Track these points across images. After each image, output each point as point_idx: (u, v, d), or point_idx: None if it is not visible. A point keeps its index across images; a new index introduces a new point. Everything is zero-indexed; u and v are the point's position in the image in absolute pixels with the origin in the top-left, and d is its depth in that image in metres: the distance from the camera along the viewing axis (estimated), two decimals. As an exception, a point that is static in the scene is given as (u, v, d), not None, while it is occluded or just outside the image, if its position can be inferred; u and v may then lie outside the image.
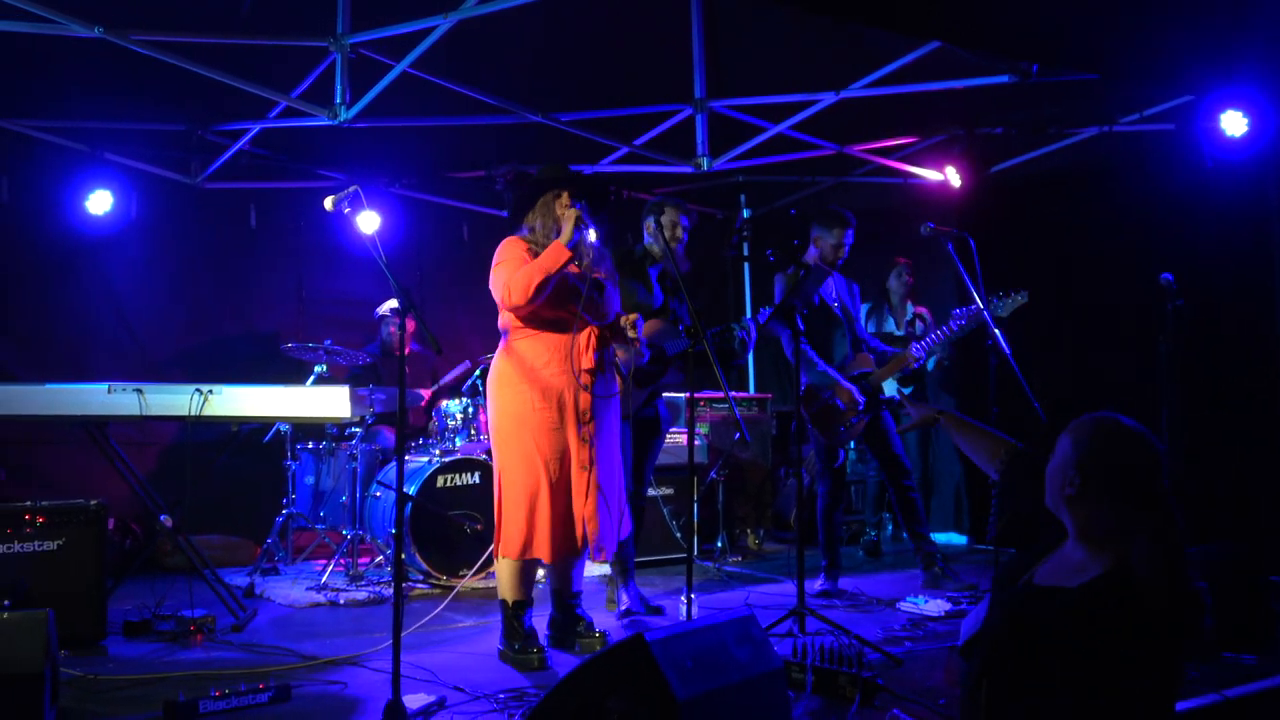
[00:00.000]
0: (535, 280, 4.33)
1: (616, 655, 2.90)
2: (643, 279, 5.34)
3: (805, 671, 3.82)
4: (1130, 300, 6.32)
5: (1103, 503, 2.39)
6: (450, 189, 8.34)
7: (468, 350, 7.38)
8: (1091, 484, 2.40)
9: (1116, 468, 2.40)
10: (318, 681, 4.14)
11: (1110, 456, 2.41)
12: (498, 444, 4.54)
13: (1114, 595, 2.25)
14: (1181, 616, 2.21)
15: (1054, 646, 2.26)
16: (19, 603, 4.42)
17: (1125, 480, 2.39)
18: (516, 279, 4.36)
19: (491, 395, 4.58)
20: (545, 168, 4.68)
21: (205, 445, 6.11)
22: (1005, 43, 5.48)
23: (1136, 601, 2.22)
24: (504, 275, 4.43)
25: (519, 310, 4.43)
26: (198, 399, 5.03)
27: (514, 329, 4.53)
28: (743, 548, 7.58)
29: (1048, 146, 7.33)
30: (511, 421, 4.47)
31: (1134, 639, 2.22)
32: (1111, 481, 2.39)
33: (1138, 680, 2.21)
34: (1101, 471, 2.40)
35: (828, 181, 8.47)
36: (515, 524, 4.42)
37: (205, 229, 7.64)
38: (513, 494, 4.45)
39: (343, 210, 3.89)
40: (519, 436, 4.45)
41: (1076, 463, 2.44)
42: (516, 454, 4.45)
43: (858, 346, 5.97)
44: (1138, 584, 2.23)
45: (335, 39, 5.48)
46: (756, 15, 6.01)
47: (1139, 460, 2.40)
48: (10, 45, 5.52)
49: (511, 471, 4.46)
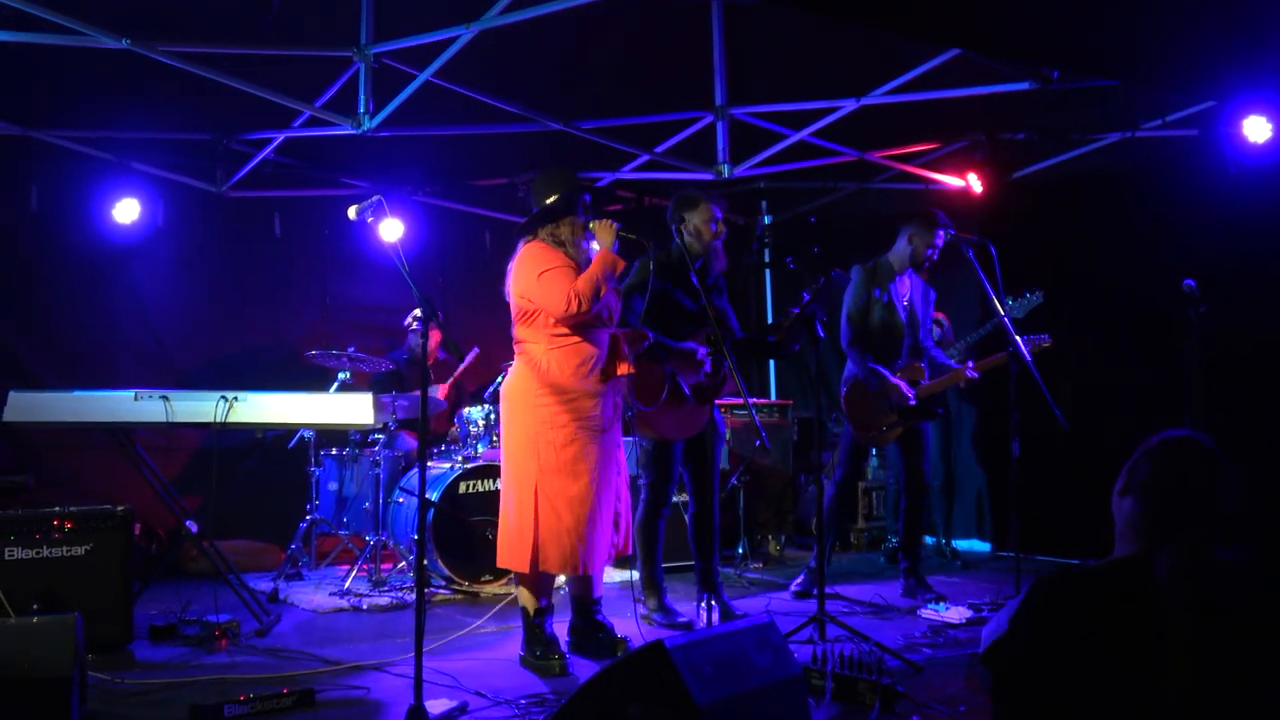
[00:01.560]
0: (602, 288, 4.33)
1: (637, 661, 2.92)
2: (686, 287, 5.10)
3: (825, 678, 3.83)
4: (1153, 307, 6.29)
5: (1141, 502, 2.41)
6: (472, 197, 8.38)
7: (490, 357, 7.41)
8: (1134, 484, 2.43)
9: (1160, 472, 2.42)
10: (341, 686, 4.17)
11: (1158, 461, 2.43)
12: (533, 454, 4.42)
13: (1126, 578, 2.26)
14: (1198, 632, 2.19)
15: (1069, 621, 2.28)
16: (48, 607, 4.47)
17: (1165, 485, 2.41)
18: (584, 286, 4.30)
19: (525, 403, 4.48)
20: (564, 177, 4.65)
21: (230, 451, 6.17)
22: (1026, 49, 5.46)
23: (1146, 594, 2.21)
24: (562, 282, 4.33)
25: (579, 318, 4.36)
26: (223, 406, 5.08)
27: (547, 338, 4.44)
28: (764, 554, 7.58)
29: (1070, 152, 7.29)
30: (554, 431, 4.41)
31: (1131, 630, 2.21)
32: (1150, 484, 2.42)
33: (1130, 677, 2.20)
34: (1144, 475, 2.43)
35: (849, 188, 8.46)
36: (570, 537, 4.35)
37: (230, 237, 7.70)
38: (562, 507, 4.37)
39: (366, 219, 3.91)
40: (565, 447, 4.39)
41: (1131, 466, 2.48)
42: (564, 465, 4.39)
43: (916, 353, 5.91)
44: (1156, 580, 2.22)
45: (359, 49, 5.53)
46: (777, 22, 6.01)
47: (1183, 467, 2.42)
48: (39, 57, 5.60)
49: (557, 484, 4.38)
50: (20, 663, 3.35)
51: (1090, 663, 2.22)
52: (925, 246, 5.82)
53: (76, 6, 5.04)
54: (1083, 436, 5.93)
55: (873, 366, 5.72)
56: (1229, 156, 6.23)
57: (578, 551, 4.36)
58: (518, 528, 4.45)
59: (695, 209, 5.17)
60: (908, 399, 5.72)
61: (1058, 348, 5.88)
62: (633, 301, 4.99)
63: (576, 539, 4.36)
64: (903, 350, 5.88)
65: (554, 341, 4.45)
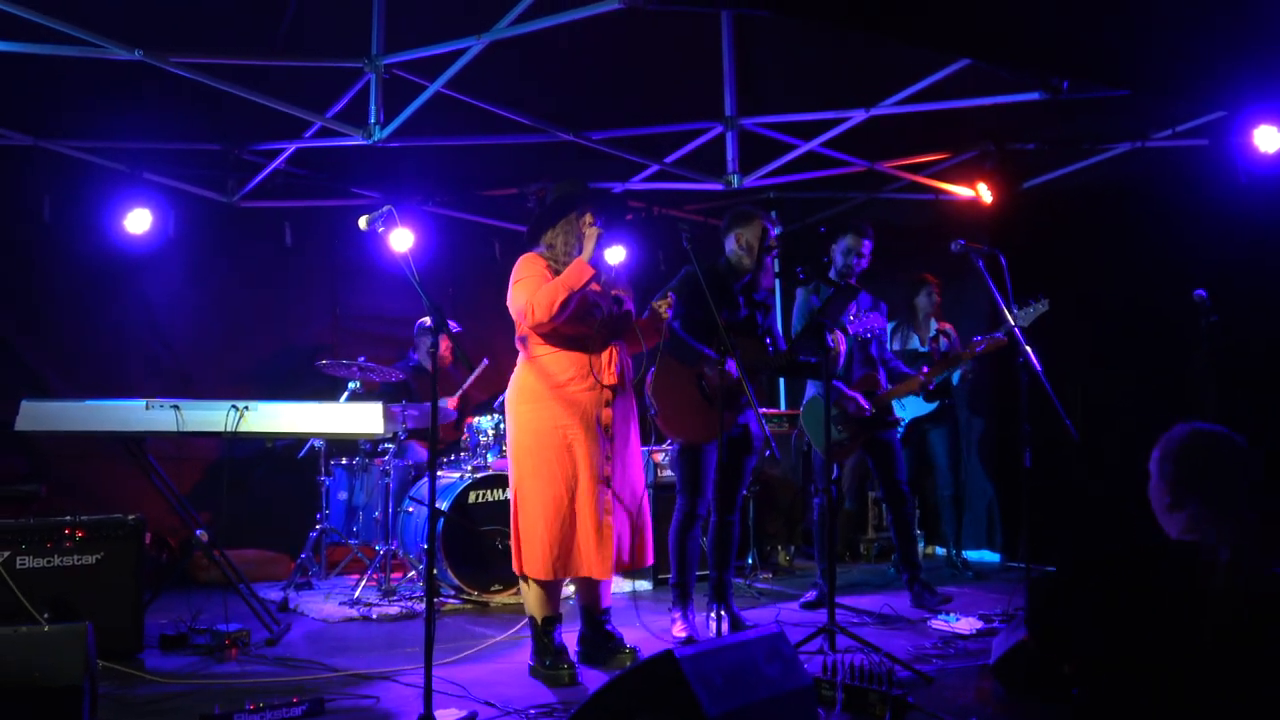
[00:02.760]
0: (560, 297, 4.35)
1: (647, 671, 2.92)
2: (728, 298, 5.15)
3: (835, 689, 3.81)
4: (1164, 317, 6.27)
5: (1182, 501, 2.48)
6: (483, 207, 8.40)
7: (500, 367, 7.42)
8: (1166, 481, 2.51)
9: (1192, 466, 2.51)
10: (350, 696, 4.17)
11: (1187, 454, 2.52)
12: (518, 458, 4.51)
13: (1181, 556, 2.37)
14: (1235, 617, 2.27)
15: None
16: (59, 616, 4.48)
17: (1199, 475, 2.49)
18: (540, 296, 4.36)
19: (512, 409, 4.57)
20: (564, 185, 4.67)
21: (241, 461, 6.18)
22: (1036, 59, 5.47)
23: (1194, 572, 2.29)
24: (526, 292, 4.42)
25: (540, 327, 4.43)
26: (234, 415, 5.10)
27: (534, 344, 4.53)
28: (773, 564, 7.56)
29: (1080, 162, 7.29)
30: (532, 437, 4.47)
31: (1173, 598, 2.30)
32: (1186, 478, 2.50)
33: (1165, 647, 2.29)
34: (1175, 467, 2.52)
35: (858, 198, 8.46)
36: (541, 543, 4.40)
37: (241, 247, 7.74)
38: (537, 511, 4.42)
39: (377, 229, 3.92)
40: (540, 452, 4.44)
41: (1157, 464, 2.57)
42: (540, 470, 4.44)
43: (869, 364, 5.95)
44: (1210, 564, 2.31)
45: (370, 60, 5.56)
46: (787, 33, 6.02)
47: (1212, 457, 2.51)
48: (52, 68, 5.64)
49: (535, 488, 4.44)
50: (31, 671, 3.36)
51: (1127, 612, 2.32)
52: (850, 256, 5.83)
53: (89, 18, 5.08)
54: (1093, 446, 5.92)
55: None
56: (1239, 166, 6.22)
57: (550, 557, 4.38)
58: (514, 531, 4.53)
59: (748, 224, 5.24)
60: (864, 410, 5.76)
61: (1068, 358, 5.87)
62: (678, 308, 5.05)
63: (549, 544, 4.38)
64: (854, 363, 5.92)
65: (539, 348, 4.52)
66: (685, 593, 5.20)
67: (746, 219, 5.25)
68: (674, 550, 5.17)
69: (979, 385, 7.65)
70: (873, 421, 5.86)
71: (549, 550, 4.39)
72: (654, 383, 4.96)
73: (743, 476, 5.33)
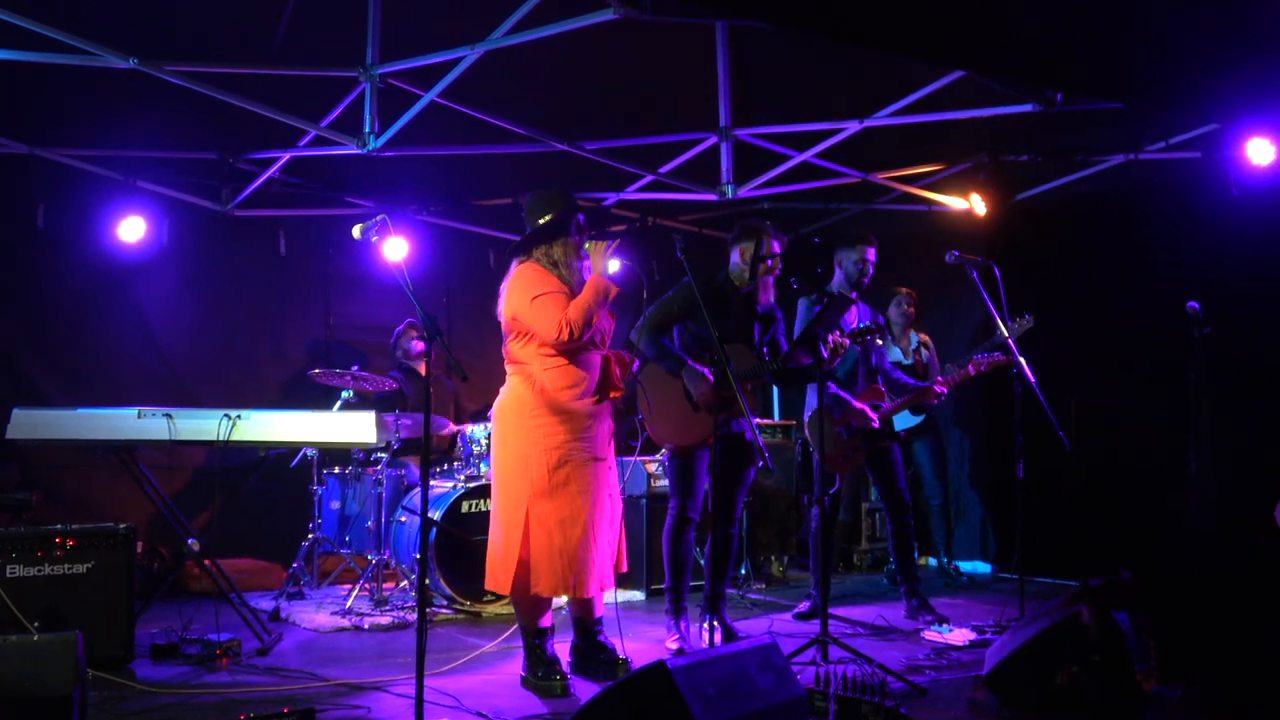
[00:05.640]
0: (594, 315, 4.35)
1: (639, 682, 2.91)
2: (725, 309, 5.13)
3: (828, 700, 3.81)
4: (1157, 328, 6.29)
5: None
6: (476, 216, 8.41)
7: (494, 376, 7.41)
8: None
9: None
10: (342, 706, 4.16)
11: None
12: (509, 473, 4.43)
13: None
14: None
15: None
16: (49, 625, 4.47)
17: None
18: (576, 315, 4.31)
19: (506, 423, 4.49)
20: (548, 195, 4.65)
21: (233, 470, 6.16)
22: (1029, 71, 5.48)
23: None
24: (554, 308, 4.34)
25: (568, 346, 4.38)
26: (226, 424, 5.09)
27: (540, 358, 4.45)
28: (766, 575, 7.56)
29: (1073, 174, 7.31)
30: (544, 453, 4.39)
31: None
32: None
33: None
34: None
35: (852, 209, 8.48)
36: (558, 560, 4.32)
37: (235, 256, 7.73)
38: (553, 528, 4.34)
39: (370, 238, 3.91)
40: (555, 469, 4.37)
41: None
42: (556, 490, 4.37)
43: (872, 376, 5.95)
44: None
45: (365, 69, 5.56)
46: (781, 44, 6.04)
47: None
48: (47, 76, 5.63)
49: (549, 508, 4.36)
50: (21, 681, 3.35)
51: None
52: (857, 264, 5.83)
53: (84, 26, 5.08)
54: (1086, 457, 5.93)
55: (835, 393, 5.74)
56: (1232, 179, 6.25)
57: (569, 574, 4.34)
58: (504, 549, 4.42)
59: (750, 238, 5.21)
60: (870, 422, 5.76)
61: (1062, 369, 5.88)
62: (675, 318, 5.10)
63: (568, 561, 4.34)
64: (859, 376, 5.92)
65: (547, 361, 4.45)
66: (679, 600, 5.18)
67: (750, 233, 5.24)
68: (667, 554, 5.16)
69: (971, 397, 7.66)
70: (878, 434, 5.86)
71: (568, 567, 4.33)
72: (641, 391, 4.98)
73: (743, 486, 5.32)
